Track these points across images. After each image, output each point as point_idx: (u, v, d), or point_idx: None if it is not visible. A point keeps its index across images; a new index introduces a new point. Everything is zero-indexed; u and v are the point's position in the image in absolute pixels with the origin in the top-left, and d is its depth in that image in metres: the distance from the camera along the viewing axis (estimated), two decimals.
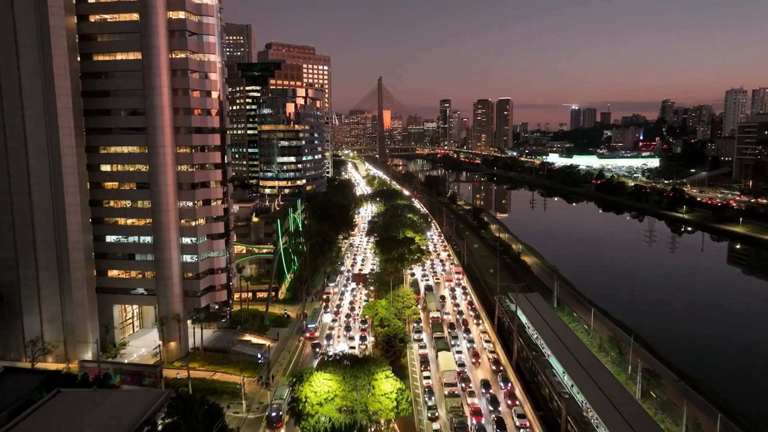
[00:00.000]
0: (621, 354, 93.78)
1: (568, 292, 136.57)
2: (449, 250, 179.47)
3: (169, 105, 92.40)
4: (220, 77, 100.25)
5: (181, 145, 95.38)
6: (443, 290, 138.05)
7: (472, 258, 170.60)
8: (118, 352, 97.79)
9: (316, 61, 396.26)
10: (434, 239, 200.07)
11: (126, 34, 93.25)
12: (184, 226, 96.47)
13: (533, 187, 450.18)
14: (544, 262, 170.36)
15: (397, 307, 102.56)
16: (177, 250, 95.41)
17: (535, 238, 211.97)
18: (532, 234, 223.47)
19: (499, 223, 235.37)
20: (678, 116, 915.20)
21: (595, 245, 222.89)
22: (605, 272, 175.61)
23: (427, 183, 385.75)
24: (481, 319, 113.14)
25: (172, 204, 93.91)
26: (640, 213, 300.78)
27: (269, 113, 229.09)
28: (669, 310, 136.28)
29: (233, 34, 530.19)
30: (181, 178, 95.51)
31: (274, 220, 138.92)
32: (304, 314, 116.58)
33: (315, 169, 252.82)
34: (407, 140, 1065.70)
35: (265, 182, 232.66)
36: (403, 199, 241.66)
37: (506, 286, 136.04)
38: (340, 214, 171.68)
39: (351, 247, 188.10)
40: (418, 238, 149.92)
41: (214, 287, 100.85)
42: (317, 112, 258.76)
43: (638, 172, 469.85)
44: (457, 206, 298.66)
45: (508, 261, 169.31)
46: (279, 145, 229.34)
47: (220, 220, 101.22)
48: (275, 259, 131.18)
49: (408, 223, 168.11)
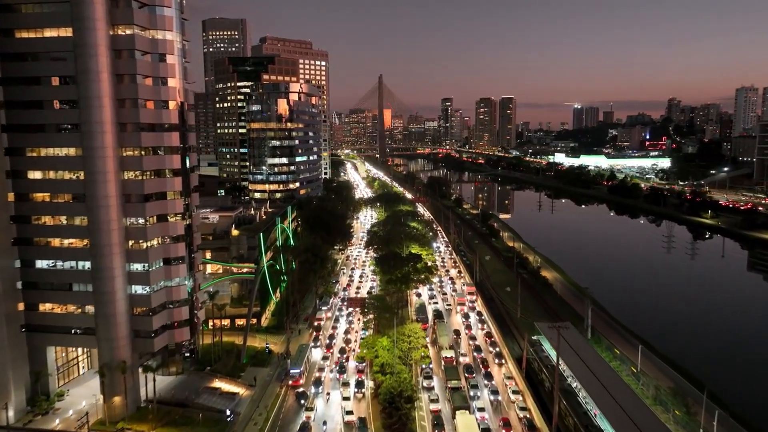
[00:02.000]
0: (689, 413, 73.54)
1: (601, 317, 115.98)
2: (459, 264, 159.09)
3: (110, 95, 72.16)
4: (180, 61, 79.92)
5: (128, 147, 75.08)
6: (455, 316, 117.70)
7: (484, 272, 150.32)
8: (50, 407, 77.63)
9: (313, 56, 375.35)
10: (441, 249, 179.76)
11: (56, 3, 72.91)
12: (132, 249, 76.18)
13: (540, 188, 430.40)
14: (567, 277, 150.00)
15: (402, 348, 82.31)
16: (122, 279, 75.10)
17: (548, 245, 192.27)
18: (544, 240, 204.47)
19: (510, 230, 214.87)
20: (685, 115, 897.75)
21: (616, 254, 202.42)
22: (635, 289, 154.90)
23: (429, 184, 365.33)
24: (504, 358, 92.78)
25: (115, 221, 73.57)
26: (658, 217, 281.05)
27: (259, 110, 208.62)
28: (732, 344, 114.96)
29: (228, 29, 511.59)
30: (127, 189, 75.23)
31: (256, 233, 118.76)
32: (287, 352, 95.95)
33: (310, 171, 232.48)
34: (408, 139, 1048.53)
35: (255, 186, 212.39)
36: (406, 204, 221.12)
37: (528, 313, 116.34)
38: (336, 224, 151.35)
39: (348, 261, 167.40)
40: (424, 253, 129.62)
41: (173, 325, 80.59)
42: (313, 109, 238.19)
43: (650, 173, 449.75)
44: (463, 210, 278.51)
45: (526, 276, 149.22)
46: (270, 145, 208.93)
47: (181, 240, 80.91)
48: (256, 280, 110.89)
49: (412, 233, 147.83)
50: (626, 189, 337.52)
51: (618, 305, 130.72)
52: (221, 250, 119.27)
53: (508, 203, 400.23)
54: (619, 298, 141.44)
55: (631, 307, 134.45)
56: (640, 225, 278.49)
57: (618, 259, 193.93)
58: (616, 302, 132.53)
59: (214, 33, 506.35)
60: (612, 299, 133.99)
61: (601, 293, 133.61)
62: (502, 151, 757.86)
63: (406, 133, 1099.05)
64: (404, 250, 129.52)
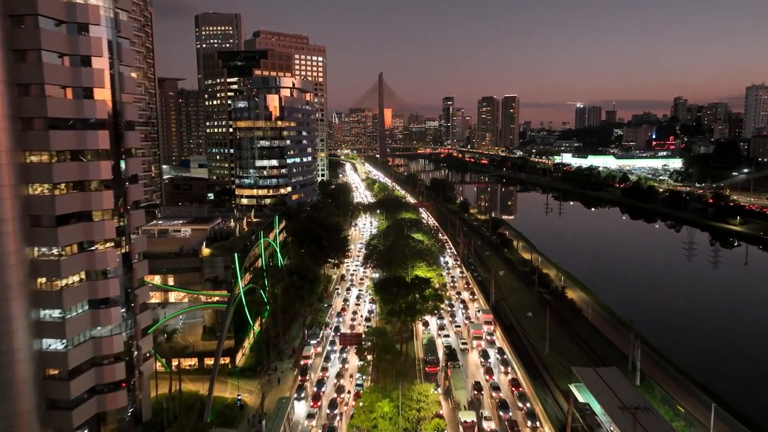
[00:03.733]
0: None
1: (648, 355, 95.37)
2: (471, 283, 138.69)
3: (3, 78, 51.96)
4: (112, 35, 59.56)
5: (32, 149, 54.87)
6: (471, 354, 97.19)
7: (500, 292, 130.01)
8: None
9: (309, 52, 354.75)
10: (449, 264, 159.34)
11: None
12: (41, 290, 55.96)
13: (546, 189, 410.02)
14: (597, 299, 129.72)
15: (409, 417, 62.01)
16: (26, 332, 54.82)
17: (564, 254, 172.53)
18: (557, 247, 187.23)
19: (524, 240, 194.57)
20: (692, 114, 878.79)
21: (643, 265, 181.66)
22: (677, 311, 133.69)
23: (432, 187, 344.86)
24: (539, 420, 72.35)
25: (13, 254, 53.33)
26: (678, 222, 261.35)
27: (246, 107, 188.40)
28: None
29: (221, 24, 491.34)
30: (33, 208, 55.02)
31: (231, 252, 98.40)
32: (262, 411, 75.29)
33: (303, 174, 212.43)
34: (408, 139, 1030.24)
35: (242, 191, 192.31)
36: (408, 211, 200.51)
37: (557, 347, 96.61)
38: (330, 237, 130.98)
39: (344, 279, 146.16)
40: (432, 274, 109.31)
41: (103, 388, 60.30)
42: (306, 106, 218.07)
43: (663, 174, 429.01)
44: (469, 216, 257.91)
45: (548, 297, 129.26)
46: (258, 146, 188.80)
47: (112, 275, 60.48)
48: (229, 311, 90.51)
49: (416, 248, 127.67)
50: (642, 192, 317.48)
51: (659, 335, 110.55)
52: (192, 272, 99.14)
53: (511, 204, 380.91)
54: (658, 323, 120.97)
55: (677, 337, 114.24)
56: (658, 231, 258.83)
57: (646, 273, 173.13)
58: (657, 332, 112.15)
59: (207, 29, 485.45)
60: (650, 326, 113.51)
61: (633, 315, 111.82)
62: (506, 151, 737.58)
63: (406, 133, 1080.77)
64: (408, 271, 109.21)
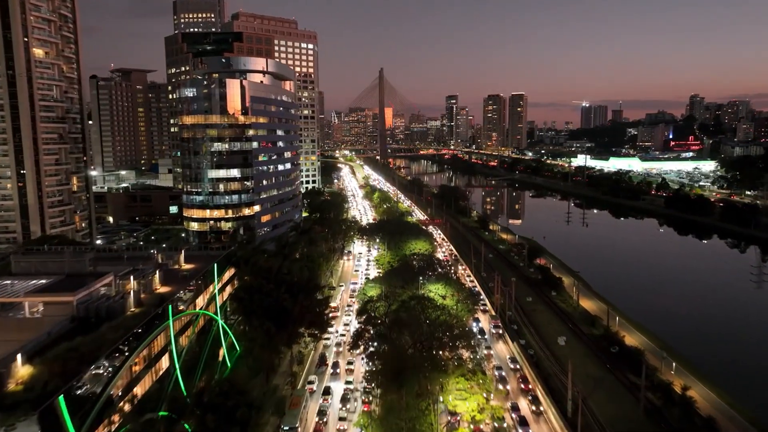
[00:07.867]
0: None
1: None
2: (525, 370, 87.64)
3: None
4: None
5: None
6: None
7: (575, 386, 78.30)
8: None
9: (298, 38, 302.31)
10: (483, 331, 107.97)
11: None
12: None
13: (567, 196, 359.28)
14: (737, 408, 78.88)
15: None
16: None
17: (611, 283, 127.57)
18: (600, 273, 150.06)
19: (574, 275, 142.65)
20: (710, 112, 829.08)
21: (731, 313, 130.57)
22: None
23: (441, 195, 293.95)
24: None
25: None
26: (741, 240, 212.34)
27: (194, 96, 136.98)
28: None
29: (202, 11, 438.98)
30: None
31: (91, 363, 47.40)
32: None
33: (279, 187, 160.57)
34: (410, 139, 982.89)
35: (191, 211, 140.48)
36: (418, 236, 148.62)
37: None
38: (304, 302, 79.55)
39: (323, 365, 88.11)
40: (470, 396, 58.20)
41: None
42: (285, 97, 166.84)
43: (701, 179, 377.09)
44: (491, 234, 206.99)
45: (656, 399, 78.69)
46: (212, 150, 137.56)
47: None
48: None
49: (440, 319, 76.70)
50: (690, 202, 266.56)
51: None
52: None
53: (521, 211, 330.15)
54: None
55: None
56: (720, 251, 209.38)
57: (733, 318, 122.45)
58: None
59: (186, 16, 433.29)
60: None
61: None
62: (516, 152, 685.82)
63: (408, 133, 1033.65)
64: (432, 386, 58.18)
